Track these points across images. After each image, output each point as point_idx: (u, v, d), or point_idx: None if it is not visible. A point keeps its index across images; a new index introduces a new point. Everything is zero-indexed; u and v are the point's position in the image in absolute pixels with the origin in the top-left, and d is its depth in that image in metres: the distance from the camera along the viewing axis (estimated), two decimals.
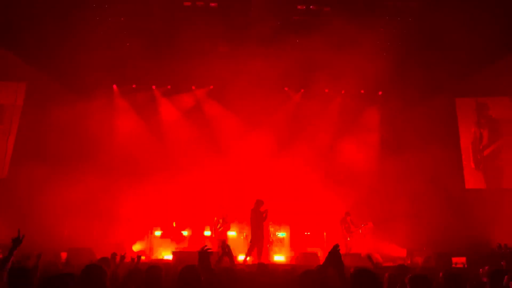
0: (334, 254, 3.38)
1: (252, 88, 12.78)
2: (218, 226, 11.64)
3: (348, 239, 11.96)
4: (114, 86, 14.37)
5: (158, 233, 12.55)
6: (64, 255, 10.41)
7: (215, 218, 11.77)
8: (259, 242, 10.79)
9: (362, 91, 14.47)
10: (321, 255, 11.09)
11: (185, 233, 12.61)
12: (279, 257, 12.06)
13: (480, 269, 6.53)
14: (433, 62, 12.14)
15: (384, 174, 13.15)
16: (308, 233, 12.80)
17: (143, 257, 6.92)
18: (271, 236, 12.02)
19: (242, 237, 12.22)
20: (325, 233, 12.64)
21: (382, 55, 12.26)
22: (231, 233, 12.22)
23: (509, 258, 8.91)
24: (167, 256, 11.50)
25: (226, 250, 4.87)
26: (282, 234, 12.59)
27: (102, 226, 12.07)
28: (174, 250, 10.87)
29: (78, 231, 11.59)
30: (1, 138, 13.68)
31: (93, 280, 3.55)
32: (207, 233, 12.41)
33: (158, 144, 13.89)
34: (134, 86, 14.46)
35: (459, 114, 14.56)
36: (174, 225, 12.59)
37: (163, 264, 9.67)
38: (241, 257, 11.33)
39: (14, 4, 10.29)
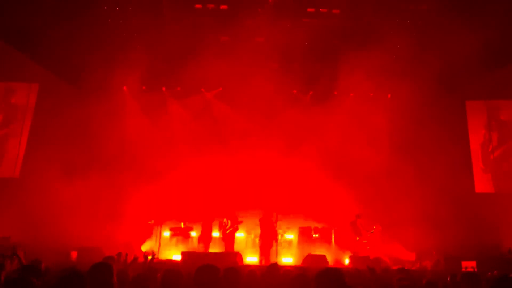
0: None
1: (261, 91, 12.81)
2: (227, 227, 11.69)
3: (357, 238, 11.88)
4: (125, 88, 14.50)
5: (166, 233, 12.63)
6: (74, 254, 10.56)
7: (225, 220, 11.82)
8: (266, 246, 11.27)
9: (371, 94, 14.40)
10: (330, 255, 11.10)
11: (193, 233, 12.68)
12: (287, 259, 12.06)
13: (489, 273, 6.47)
14: (443, 65, 12.06)
15: (393, 177, 13.05)
16: (317, 235, 12.75)
17: (149, 257, 7.01)
18: (280, 237, 12.03)
19: (250, 239, 12.28)
20: (333, 234, 12.61)
21: (391, 58, 12.22)
22: (240, 234, 12.27)
23: None
24: (175, 256, 11.57)
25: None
26: (290, 235, 12.63)
27: (112, 225, 12.18)
28: (182, 250, 10.93)
29: (88, 231, 11.72)
30: (14, 138, 13.91)
31: (99, 278, 3.59)
32: (216, 234, 12.48)
33: (168, 145, 13.96)
34: (144, 87, 14.58)
35: (469, 117, 14.48)
36: (183, 225, 12.67)
37: (171, 265, 9.78)
38: (249, 258, 11.40)
39: (28, 7, 10.45)
